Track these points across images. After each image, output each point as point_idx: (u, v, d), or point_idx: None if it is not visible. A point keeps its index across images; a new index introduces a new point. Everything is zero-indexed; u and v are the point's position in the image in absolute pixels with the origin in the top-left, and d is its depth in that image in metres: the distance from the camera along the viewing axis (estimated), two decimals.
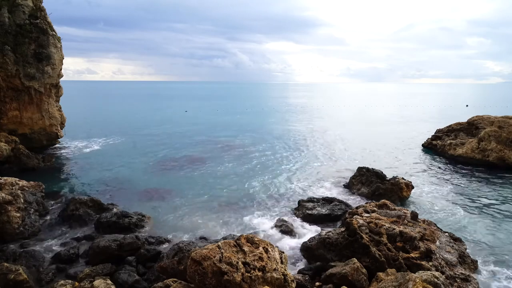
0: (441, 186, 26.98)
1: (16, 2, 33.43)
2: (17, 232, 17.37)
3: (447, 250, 14.78)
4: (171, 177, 29.06)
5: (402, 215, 16.73)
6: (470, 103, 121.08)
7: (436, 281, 10.85)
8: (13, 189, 19.13)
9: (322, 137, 49.14)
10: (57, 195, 24.32)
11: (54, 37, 35.46)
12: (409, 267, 13.36)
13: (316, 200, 21.96)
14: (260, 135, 50.52)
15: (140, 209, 21.65)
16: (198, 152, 38.66)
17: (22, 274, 13.15)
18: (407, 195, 23.77)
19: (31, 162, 30.82)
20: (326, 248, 15.28)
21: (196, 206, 22.72)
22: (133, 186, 26.60)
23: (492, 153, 32.06)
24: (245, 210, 22.30)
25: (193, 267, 11.10)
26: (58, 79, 37.05)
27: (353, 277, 12.66)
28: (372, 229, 14.97)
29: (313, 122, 67.24)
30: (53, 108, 37.19)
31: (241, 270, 10.96)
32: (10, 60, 32.28)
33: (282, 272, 11.56)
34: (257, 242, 12.29)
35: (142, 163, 33.87)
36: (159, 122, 64.66)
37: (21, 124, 35.01)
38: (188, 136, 49.47)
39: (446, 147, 36.38)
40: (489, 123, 35.72)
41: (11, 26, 32.68)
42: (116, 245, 15.71)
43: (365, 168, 26.57)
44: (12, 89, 33.72)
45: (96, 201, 21.33)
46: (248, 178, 28.84)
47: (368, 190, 24.54)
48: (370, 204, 18.52)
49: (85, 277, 13.71)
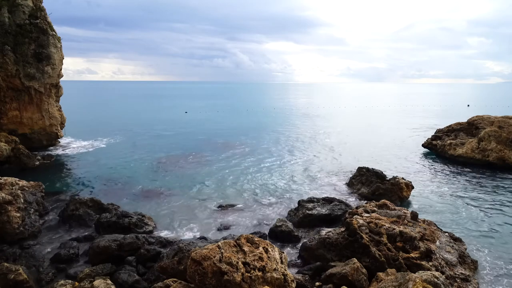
0: (441, 186, 26.97)
1: (16, 2, 33.44)
2: (17, 232, 17.36)
3: (447, 250, 14.78)
4: (171, 177, 29.06)
5: (402, 215, 16.73)
6: (470, 103, 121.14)
7: (436, 281, 10.85)
8: (13, 189, 19.13)
9: (322, 137, 49.15)
10: (57, 195, 24.33)
11: (54, 37, 35.47)
12: (409, 267, 13.35)
13: (316, 200, 21.94)
14: (260, 135, 50.53)
15: (140, 209, 21.67)
16: (198, 152, 38.66)
17: (22, 274, 13.15)
18: (407, 195, 23.76)
19: (31, 162, 30.83)
20: (326, 248, 15.27)
21: (196, 206, 22.73)
22: (133, 186, 26.60)
23: (492, 153, 32.05)
24: (245, 210, 22.31)
25: (193, 267, 11.10)
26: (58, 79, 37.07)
27: (353, 277, 12.66)
28: (372, 229, 14.97)
29: (313, 122, 67.25)
30: (53, 108, 37.20)
31: (241, 270, 10.96)
32: (10, 60, 32.29)
33: (282, 272, 11.56)
34: (257, 242, 12.28)
35: (142, 163, 33.88)
36: (159, 122, 64.68)
37: (21, 124, 35.03)
38: (188, 136, 49.50)
39: (446, 147, 36.37)
40: (489, 123, 35.71)
41: (11, 26, 32.70)
42: (116, 245, 15.70)
43: (365, 168, 26.57)
44: (12, 89, 33.73)
45: (96, 201, 21.32)
46: (248, 178, 28.84)
47: (368, 190, 24.53)
48: (370, 204, 18.52)
49: (85, 277, 13.70)
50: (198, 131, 54.94)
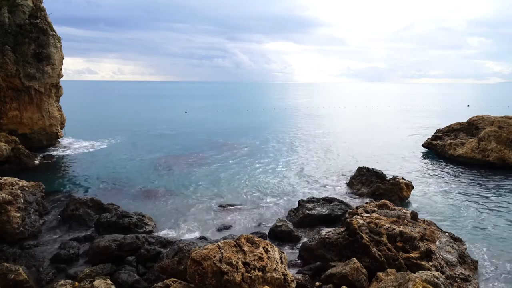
0: (441, 186, 26.97)
1: (16, 2, 33.45)
2: (17, 232, 17.36)
3: (447, 250, 14.78)
4: (171, 177, 29.06)
5: (402, 215, 16.73)
6: (470, 103, 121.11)
7: (436, 281, 10.85)
8: (13, 189, 19.13)
9: (322, 137, 49.16)
10: (57, 195, 24.33)
11: (54, 37, 35.48)
12: (409, 267, 13.35)
13: (316, 200, 21.95)
14: (260, 135, 50.53)
15: (140, 209, 21.66)
16: (198, 152, 38.67)
17: (22, 274, 13.15)
18: (407, 195, 23.76)
19: (31, 162, 30.83)
20: (326, 248, 15.27)
21: (196, 206, 22.73)
22: (133, 186, 26.60)
23: (492, 153, 32.05)
24: (245, 210, 22.31)
25: (193, 267, 11.10)
26: (58, 79, 37.07)
27: (353, 277, 12.66)
28: (372, 229, 14.97)
29: (313, 122, 67.25)
30: (53, 108, 37.21)
31: (241, 270, 10.96)
32: (10, 60, 32.30)
33: (282, 272, 11.56)
34: (257, 242, 12.28)
35: (142, 163, 33.88)
36: (159, 122, 64.68)
37: (21, 124, 35.03)
38: (188, 136, 49.50)
39: (446, 147, 36.37)
40: (489, 123, 35.71)
41: (11, 26, 32.70)
42: (116, 245, 15.70)
43: (365, 168, 26.57)
44: (12, 89, 33.73)
45: (96, 201, 21.32)
46: (248, 178, 28.84)
47: (368, 190, 24.54)
48: (370, 204, 18.52)
49: (85, 277, 13.70)
50: (198, 131, 54.94)
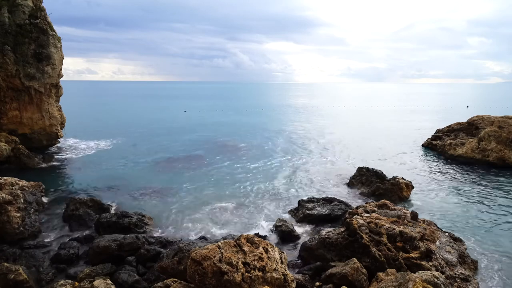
0: (441, 186, 26.97)
1: (16, 2, 33.41)
2: (17, 232, 17.36)
3: (447, 250, 14.78)
4: (171, 177, 29.05)
5: (402, 215, 16.73)
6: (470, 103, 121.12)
7: (436, 281, 10.85)
8: (13, 189, 19.14)
9: (322, 137, 49.14)
10: (57, 195, 24.33)
11: (54, 37, 35.44)
12: (409, 267, 13.35)
13: (316, 200, 21.95)
14: (260, 135, 50.52)
15: (140, 209, 21.67)
16: (198, 152, 38.67)
17: (22, 274, 13.15)
18: (407, 195, 23.76)
19: (31, 162, 30.82)
20: (326, 248, 15.28)
21: (196, 206, 22.72)
22: (133, 186, 26.58)
23: (492, 153, 32.06)
24: (245, 210, 22.31)
25: (193, 267, 11.10)
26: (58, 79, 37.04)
27: (353, 277, 12.66)
28: (372, 229, 14.97)
29: (313, 122, 67.24)
30: (53, 108, 37.18)
31: (241, 270, 10.96)
32: (10, 60, 32.27)
33: (282, 272, 11.55)
34: (257, 242, 12.28)
35: (142, 163, 33.88)
36: (159, 122, 64.68)
37: (21, 124, 35.00)
38: (188, 136, 49.46)
39: (446, 147, 36.37)
40: (489, 123, 35.72)
41: (11, 26, 32.67)
42: (116, 245, 15.71)
43: (365, 168, 26.58)
44: (12, 89, 33.70)
45: (96, 201, 21.33)
46: (248, 178, 28.84)
47: (368, 190, 24.55)
48: (370, 204, 18.52)
49: (85, 277, 13.70)
50: (198, 131, 54.92)
